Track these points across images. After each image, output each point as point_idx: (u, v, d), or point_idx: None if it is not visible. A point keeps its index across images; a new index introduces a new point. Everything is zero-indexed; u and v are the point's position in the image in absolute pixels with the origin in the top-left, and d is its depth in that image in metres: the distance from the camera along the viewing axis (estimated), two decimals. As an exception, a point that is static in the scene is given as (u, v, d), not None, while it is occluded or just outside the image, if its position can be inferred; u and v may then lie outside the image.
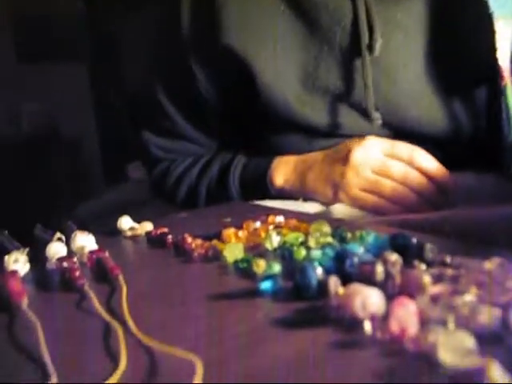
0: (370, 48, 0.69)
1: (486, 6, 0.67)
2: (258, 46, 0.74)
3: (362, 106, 0.71)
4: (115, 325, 0.33)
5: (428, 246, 0.39)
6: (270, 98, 0.74)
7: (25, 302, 0.38)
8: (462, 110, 0.72)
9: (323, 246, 0.43)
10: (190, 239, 0.49)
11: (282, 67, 0.73)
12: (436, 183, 0.67)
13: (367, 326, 0.30)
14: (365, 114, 0.71)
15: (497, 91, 0.70)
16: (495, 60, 0.67)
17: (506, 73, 0.68)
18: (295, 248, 0.43)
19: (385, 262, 0.36)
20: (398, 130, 0.73)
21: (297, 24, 0.73)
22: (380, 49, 0.69)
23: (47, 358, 0.30)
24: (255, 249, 0.47)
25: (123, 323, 0.33)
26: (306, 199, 0.74)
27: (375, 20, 0.69)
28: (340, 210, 0.70)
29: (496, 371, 0.24)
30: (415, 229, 0.54)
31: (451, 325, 0.28)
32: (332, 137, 0.74)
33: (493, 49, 0.67)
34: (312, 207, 0.72)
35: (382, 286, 0.34)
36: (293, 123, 0.75)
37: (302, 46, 0.73)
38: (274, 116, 0.75)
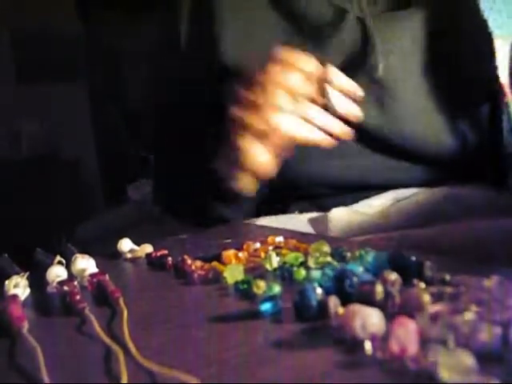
0: (374, 68, 0.70)
1: (485, 26, 0.67)
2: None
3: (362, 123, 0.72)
4: (116, 348, 0.33)
5: (427, 264, 0.39)
6: None
7: (25, 327, 0.38)
8: (465, 126, 0.73)
9: (323, 266, 0.43)
10: (189, 261, 0.49)
11: None
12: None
13: (368, 346, 0.30)
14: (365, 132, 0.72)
15: (498, 108, 0.70)
16: (496, 78, 0.68)
17: (507, 89, 0.68)
18: (295, 268, 0.43)
19: (384, 282, 0.36)
20: (402, 148, 0.73)
21: (293, 41, 0.74)
22: (383, 68, 0.70)
23: (48, 383, 0.30)
24: (255, 270, 0.47)
25: (124, 347, 0.33)
26: (301, 211, 0.74)
27: (377, 41, 0.70)
28: (337, 214, 0.70)
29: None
30: (414, 245, 0.54)
31: (451, 343, 0.28)
32: None
33: (493, 67, 0.67)
34: (309, 216, 0.73)
35: (381, 305, 0.34)
36: None
37: None
38: None
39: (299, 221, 0.73)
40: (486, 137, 0.73)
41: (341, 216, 0.70)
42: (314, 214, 0.74)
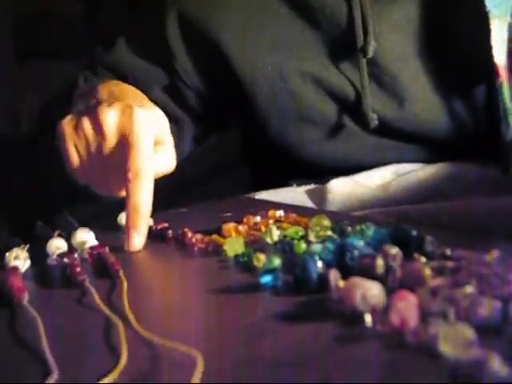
0: (364, 50, 0.70)
1: (481, 5, 0.67)
2: (255, 48, 0.74)
3: (358, 106, 0.72)
4: (116, 320, 0.33)
5: (428, 239, 0.39)
6: (270, 91, 0.74)
7: (26, 298, 0.38)
8: (462, 107, 0.72)
9: (323, 240, 0.43)
10: (190, 234, 0.49)
11: (280, 64, 0.73)
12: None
13: (368, 319, 0.30)
14: (361, 114, 0.71)
15: (493, 89, 0.70)
16: (491, 58, 0.67)
17: (501, 71, 0.68)
18: (295, 242, 0.43)
19: (385, 256, 0.36)
20: (399, 128, 0.73)
21: (295, 26, 0.74)
22: (374, 50, 0.70)
23: (48, 353, 0.30)
24: (255, 243, 0.47)
25: (124, 318, 0.33)
26: (299, 184, 0.74)
27: (370, 23, 0.70)
28: (337, 186, 0.70)
29: (496, 363, 0.24)
30: (414, 220, 0.54)
31: (451, 317, 0.28)
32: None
33: (488, 47, 0.67)
34: (306, 188, 0.73)
35: (382, 279, 0.34)
36: (290, 114, 0.75)
37: (301, 47, 0.74)
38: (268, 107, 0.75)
39: (297, 193, 0.73)
40: (483, 118, 0.73)
41: (340, 188, 0.70)
42: (312, 186, 0.74)
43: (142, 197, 0.50)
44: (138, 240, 0.50)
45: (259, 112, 0.76)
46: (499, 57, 0.67)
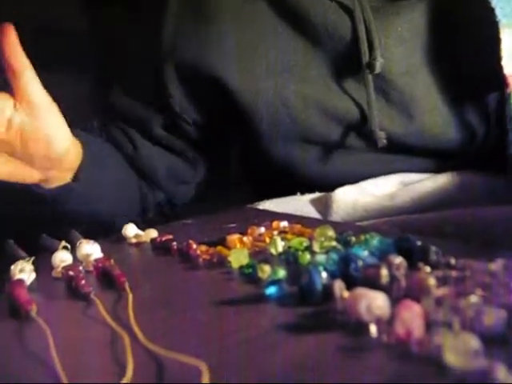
0: (370, 66, 0.69)
1: (491, 15, 0.66)
2: (253, 74, 0.73)
3: (365, 125, 0.71)
4: (122, 332, 0.33)
5: (432, 249, 0.39)
6: (272, 117, 0.74)
7: (34, 310, 0.38)
8: (473, 118, 0.71)
9: (328, 251, 0.43)
10: (194, 245, 0.49)
11: (281, 88, 0.73)
12: None
13: (373, 330, 0.30)
14: (368, 133, 0.71)
15: (502, 99, 0.69)
16: (500, 68, 0.67)
17: (511, 80, 0.67)
18: (300, 253, 0.43)
19: (389, 265, 0.36)
20: (408, 144, 0.73)
21: (296, 45, 0.73)
22: (381, 65, 0.69)
23: (58, 365, 0.30)
24: (260, 254, 0.47)
25: (130, 330, 0.34)
26: (302, 192, 0.74)
27: (375, 37, 0.69)
28: (342, 194, 0.69)
29: (502, 372, 0.24)
30: (418, 230, 0.54)
31: (456, 327, 0.28)
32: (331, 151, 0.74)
33: (498, 57, 0.66)
34: (310, 196, 0.73)
35: (386, 289, 0.34)
36: (294, 137, 0.75)
37: (303, 67, 0.73)
38: (270, 132, 0.75)
39: (301, 202, 0.73)
40: (494, 128, 0.72)
41: (345, 197, 0.69)
42: (316, 195, 0.73)
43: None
44: None
45: (262, 137, 0.75)
46: (509, 66, 0.67)
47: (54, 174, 0.59)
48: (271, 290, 0.37)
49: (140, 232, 0.58)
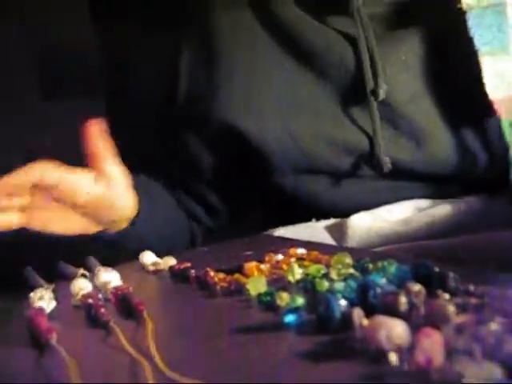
0: (374, 93, 0.70)
1: (471, 44, 0.67)
2: (261, 113, 0.75)
3: (372, 152, 0.72)
4: (142, 360, 0.33)
5: (451, 275, 0.39)
6: (282, 152, 0.75)
7: (54, 338, 0.38)
8: (475, 143, 0.72)
9: (345, 278, 0.43)
10: (212, 273, 0.49)
11: (289, 124, 0.74)
12: None
13: (393, 358, 0.30)
14: (374, 159, 0.72)
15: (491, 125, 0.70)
16: (485, 95, 0.67)
17: (498, 106, 0.68)
18: (317, 280, 0.43)
19: (408, 293, 0.36)
20: (415, 170, 0.73)
21: (302, 79, 0.74)
22: (386, 92, 0.70)
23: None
24: (278, 281, 0.47)
25: (149, 358, 0.34)
26: (318, 219, 0.75)
27: (379, 64, 0.70)
28: (357, 221, 0.70)
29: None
30: (434, 256, 0.54)
31: (478, 355, 0.28)
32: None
33: (481, 84, 0.67)
34: (325, 223, 0.73)
35: (405, 316, 0.34)
36: (304, 169, 0.76)
37: (309, 99, 0.74)
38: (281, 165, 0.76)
39: (316, 228, 0.73)
40: (496, 152, 0.72)
41: (361, 222, 0.70)
42: (331, 221, 0.74)
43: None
44: None
45: (273, 172, 0.77)
46: (495, 92, 0.67)
47: (114, 226, 0.67)
48: (290, 318, 0.37)
49: (158, 260, 0.58)
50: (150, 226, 0.72)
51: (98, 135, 0.61)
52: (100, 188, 0.61)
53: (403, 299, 0.35)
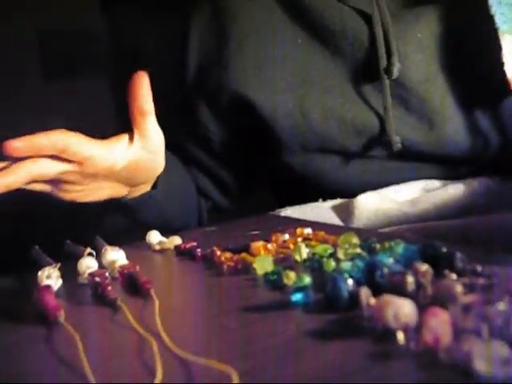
0: (388, 71, 0.70)
1: (491, 22, 0.66)
2: (274, 88, 0.74)
3: (383, 132, 0.71)
4: (150, 338, 0.33)
5: (458, 256, 0.39)
6: (292, 129, 0.75)
7: (62, 316, 0.38)
8: (488, 125, 0.71)
9: (352, 258, 0.43)
10: (219, 252, 0.49)
11: (300, 100, 0.74)
12: None
13: (400, 337, 0.30)
14: (384, 138, 0.71)
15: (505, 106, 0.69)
16: (504, 74, 0.66)
17: None
18: (325, 260, 0.44)
19: (415, 273, 0.36)
20: (426, 152, 0.73)
21: (315, 55, 0.74)
22: (399, 71, 0.70)
23: (88, 370, 0.30)
24: (284, 261, 0.47)
25: (157, 336, 0.34)
26: (324, 199, 0.75)
27: (393, 42, 0.70)
28: (364, 201, 0.69)
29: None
30: (441, 237, 0.54)
31: (485, 334, 0.28)
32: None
33: (500, 63, 0.66)
34: (332, 203, 0.73)
35: (412, 296, 0.34)
36: (313, 148, 0.75)
37: (322, 76, 0.74)
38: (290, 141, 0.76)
39: (323, 208, 0.73)
40: (509, 134, 0.72)
41: (367, 203, 0.69)
42: (338, 201, 0.73)
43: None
44: None
45: (283, 149, 0.76)
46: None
47: (141, 188, 0.66)
48: (297, 297, 0.37)
49: (164, 239, 0.58)
50: (169, 196, 0.71)
51: (145, 88, 0.58)
52: (134, 152, 0.59)
53: (410, 279, 0.35)
